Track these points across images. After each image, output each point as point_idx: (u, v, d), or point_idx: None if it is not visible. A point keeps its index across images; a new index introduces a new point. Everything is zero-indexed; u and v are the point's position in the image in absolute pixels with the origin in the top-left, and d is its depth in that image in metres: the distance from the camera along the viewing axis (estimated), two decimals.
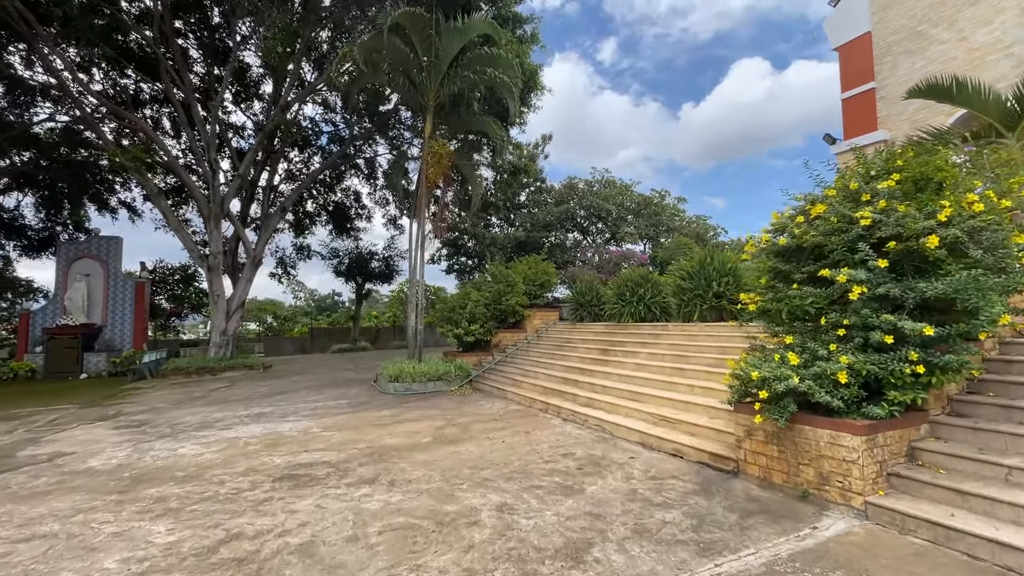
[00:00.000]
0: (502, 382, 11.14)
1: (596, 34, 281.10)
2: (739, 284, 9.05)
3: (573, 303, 12.97)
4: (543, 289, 14.65)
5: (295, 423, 8.45)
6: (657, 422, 6.60)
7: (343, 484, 5.22)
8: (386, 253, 27.76)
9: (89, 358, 16.91)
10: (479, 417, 8.53)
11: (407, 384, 11.33)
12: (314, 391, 12.12)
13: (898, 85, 14.28)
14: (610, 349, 10.06)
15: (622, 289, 11.16)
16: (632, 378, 8.27)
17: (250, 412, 9.62)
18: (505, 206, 25.97)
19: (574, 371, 9.81)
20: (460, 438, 7.08)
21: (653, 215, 28.09)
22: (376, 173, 26.67)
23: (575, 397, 8.50)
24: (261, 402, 10.75)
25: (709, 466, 5.37)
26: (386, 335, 29.58)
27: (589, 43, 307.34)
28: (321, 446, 6.85)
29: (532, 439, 6.91)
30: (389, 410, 9.38)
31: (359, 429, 7.83)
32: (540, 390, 9.57)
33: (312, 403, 10.42)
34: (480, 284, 14.42)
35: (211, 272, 16.35)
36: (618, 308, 11.13)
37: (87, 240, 18.47)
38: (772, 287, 5.40)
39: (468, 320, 13.29)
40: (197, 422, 8.78)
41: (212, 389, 12.94)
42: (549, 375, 10.11)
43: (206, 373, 15.60)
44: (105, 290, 18.04)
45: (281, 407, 10.09)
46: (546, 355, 11.72)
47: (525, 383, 10.26)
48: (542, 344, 12.76)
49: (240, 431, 7.95)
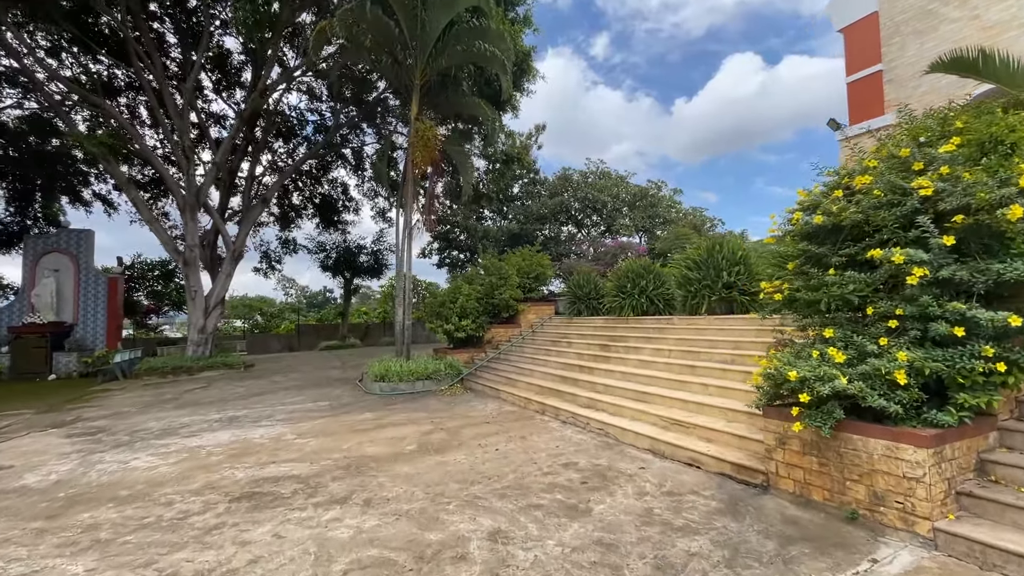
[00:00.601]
0: (495, 381, 10.43)
1: (588, 29, 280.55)
2: (751, 274, 8.39)
3: (570, 296, 12.28)
4: (538, 282, 13.94)
5: (268, 429, 7.69)
6: (668, 426, 5.92)
7: (310, 504, 4.49)
8: (375, 247, 26.92)
9: (59, 358, 15.98)
10: (470, 420, 7.81)
11: (393, 384, 10.59)
12: (294, 392, 11.34)
13: (907, 67, 13.67)
14: (611, 345, 9.38)
15: (622, 281, 10.48)
16: (637, 376, 7.59)
17: (221, 416, 8.84)
18: (498, 198, 25.15)
19: (573, 369, 9.12)
20: (448, 445, 6.37)
21: (649, 207, 27.41)
22: (364, 164, 25.80)
23: (575, 398, 7.81)
24: (235, 405, 9.96)
25: (732, 479, 4.70)
26: (376, 331, 28.76)
27: (582, 38, 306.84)
28: (292, 456, 6.11)
29: (529, 446, 6.21)
30: (372, 413, 8.64)
31: (337, 435, 7.09)
32: (537, 390, 8.87)
33: (290, 406, 9.66)
34: (472, 277, 13.68)
35: (187, 266, 15.45)
36: (618, 301, 10.45)
37: (56, 234, 17.47)
38: (803, 273, 4.71)
39: (459, 315, 12.55)
40: (160, 428, 7.99)
41: (186, 391, 12.12)
42: (546, 373, 9.42)
43: (182, 373, 14.75)
44: (76, 286, 17.09)
45: (256, 410, 9.32)
46: (542, 351, 11.03)
47: (520, 382, 9.56)
48: (538, 340, 12.06)
49: (205, 439, 7.17)
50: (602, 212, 27.97)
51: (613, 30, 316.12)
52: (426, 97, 12.38)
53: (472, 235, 25.24)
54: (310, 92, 23.25)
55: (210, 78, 21.36)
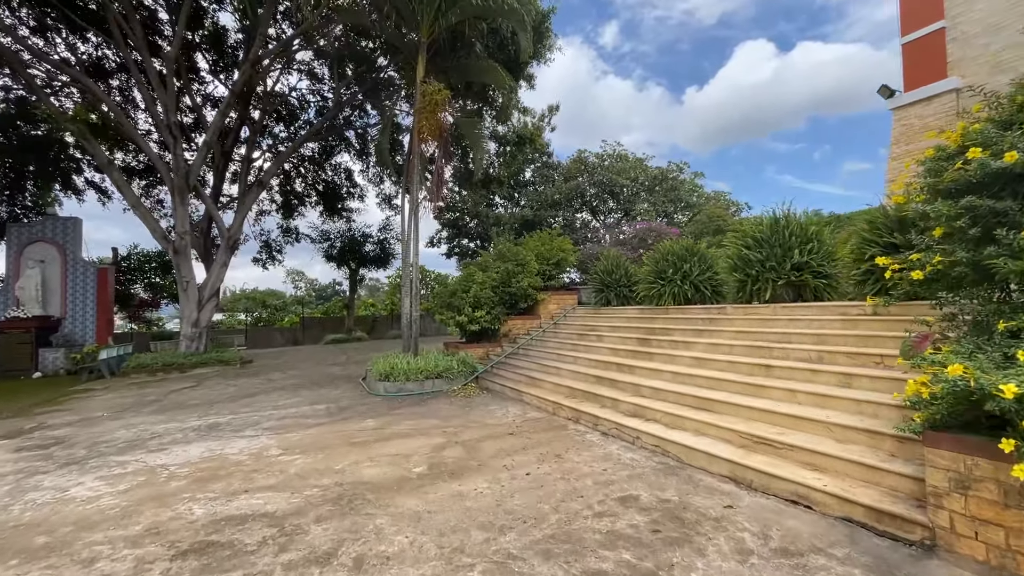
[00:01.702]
0: (516, 380, 9.14)
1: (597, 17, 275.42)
2: (826, 253, 6.97)
3: (596, 284, 10.91)
4: (558, 269, 12.57)
5: (250, 441, 6.46)
6: (751, 445, 4.58)
7: (279, 567, 3.22)
8: (381, 236, 25.65)
9: (45, 355, 14.97)
10: (490, 430, 6.53)
11: (400, 384, 9.34)
12: (290, 392, 10.14)
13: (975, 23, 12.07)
14: (651, 339, 8.02)
15: (661, 265, 9.08)
16: (693, 378, 6.23)
17: (201, 423, 7.64)
18: (509, 182, 23.77)
19: (609, 368, 7.78)
20: (466, 467, 5.08)
21: (670, 190, 25.82)
22: (368, 148, 24.50)
23: (615, 403, 6.48)
24: (221, 408, 8.77)
25: (870, 530, 3.35)
26: (383, 324, 27.61)
27: (591, 27, 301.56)
28: (271, 481, 4.87)
29: (568, 469, 4.90)
30: (375, 419, 7.39)
31: (331, 450, 5.85)
32: (566, 392, 7.55)
33: (282, 410, 8.44)
34: (486, 264, 12.35)
35: (178, 255, 14.28)
36: (656, 288, 9.07)
37: (41, 222, 16.37)
38: (964, 236, 3.33)
39: (472, 306, 11.25)
40: (127, 440, 6.81)
41: (172, 391, 10.98)
42: (576, 372, 8.09)
43: (173, 370, 13.65)
44: (63, 278, 16.03)
45: (243, 415, 8.12)
46: (568, 346, 9.70)
47: (546, 382, 8.25)
48: (560, 333, 10.73)
49: (173, 455, 5.96)
50: (619, 197, 26.44)
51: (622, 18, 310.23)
52: (433, 62, 11.00)
53: (483, 222, 23.89)
54: (311, 73, 21.99)
55: (207, 59, 20.15)
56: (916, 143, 13.16)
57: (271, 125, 22.94)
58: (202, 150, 14.29)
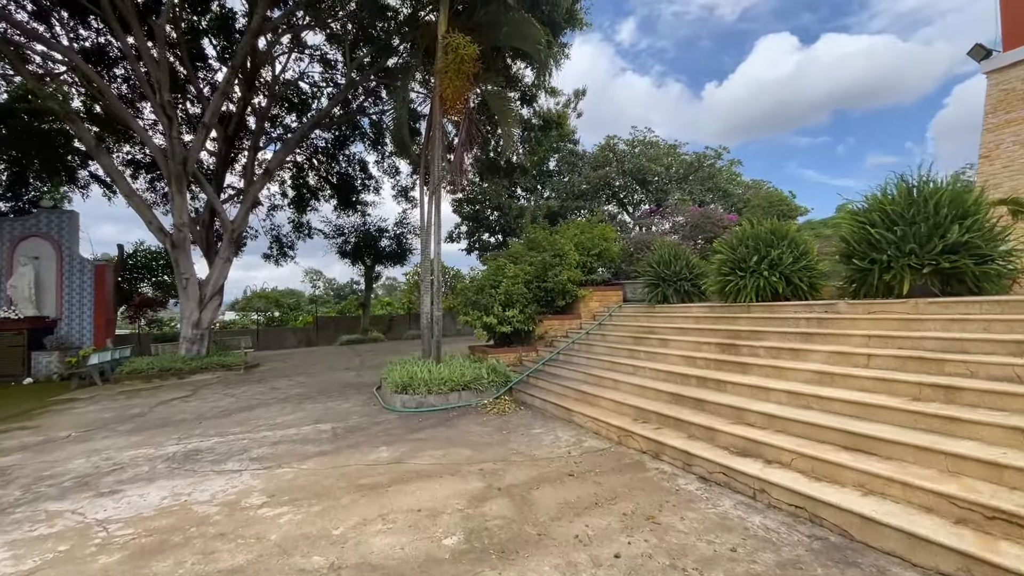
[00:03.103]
0: (561, 394, 7.52)
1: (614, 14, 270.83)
2: (987, 232, 5.19)
3: (651, 277, 9.20)
4: (600, 261, 10.89)
5: (230, 480, 4.97)
6: (982, 521, 2.87)
7: None
8: (398, 230, 24.22)
9: (39, 358, 13.87)
10: (541, 468, 4.92)
11: (420, 397, 7.80)
12: (293, 406, 8.69)
13: None
14: (738, 345, 6.32)
15: (740, 253, 7.35)
16: (822, 401, 4.53)
17: (179, 449, 6.20)
18: (533, 171, 22.10)
19: (687, 382, 6.09)
20: (520, 537, 3.48)
21: (706, 178, 23.85)
22: (383, 138, 23.17)
23: (711, 434, 4.81)
24: (209, 427, 7.34)
25: None
26: (400, 324, 26.24)
27: (608, 24, 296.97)
28: (238, 560, 3.33)
29: (674, 546, 3.26)
30: (389, 448, 5.84)
31: (330, 500, 4.31)
32: (633, 413, 5.90)
33: (280, 430, 6.97)
34: (517, 255, 10.74)
35: (176, 249, 12.98)
36: (732, 281, 7.34)
37: (35, 216, 15.28)
38: None
39: (502, 304, 9.67)
40: (80, 475, 5.38)
41: (162, 401, 9.64)
42: (641, 387, 6.42)
43: (170, 376, 12.36)
44: (59, 276, 14.92)
45: (232, 437, 6.67)
46: (623, 352, 8.03)
47: (602, 399, 6.60)
48: (609, 335, 9.06)
49: (125, 502, 4.49)
50: (650, 186, 24.58)
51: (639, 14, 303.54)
52: (457, 18, 9.41)
53: (505, 214, 22.28)
54: (323, 60, 20.68)
55: (214, 47, 18.96)
56: (1020, 110, 11.20)
57: (282, 116, 21.77)
58: (200, 133, 12.95)
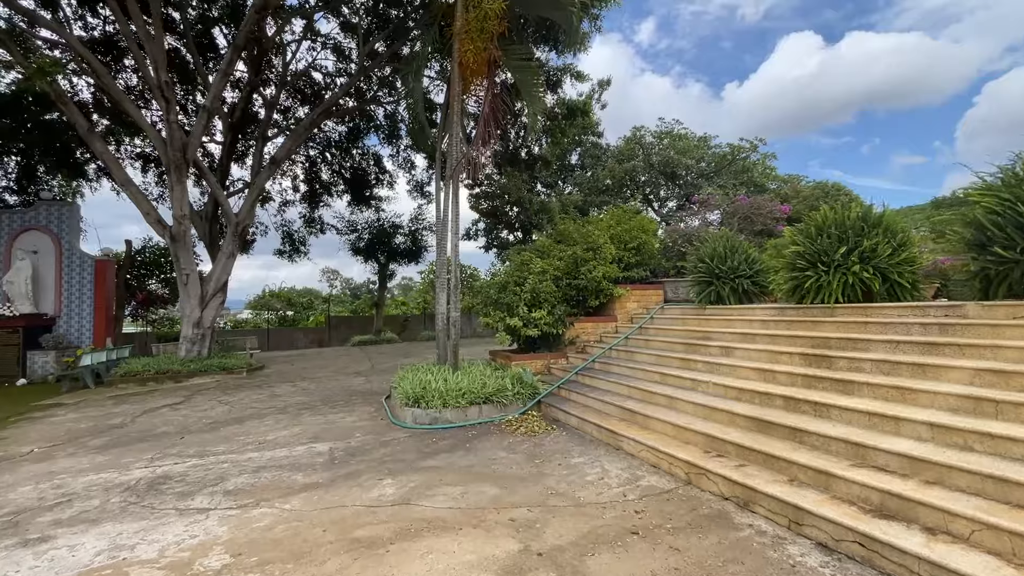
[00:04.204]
0: (602, 412, 6.31)
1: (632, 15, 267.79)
2: None
3: (703, 274, 7.91)
4: (638, 256, 9.62)
5: (191, 526, 3.88)
6: None
7: None
8: (413, 227, 23.22)
9: (35, 358, 13.11)
10: (594, 522, 3.71)
11: (434, 412, 6.66)
12: (290, 417, 7.63)
13: None
14: (831, 356, 5.03)
15: (819, 244, 6.05)
16: (999, 442, 3.24)
17: (144, 475, 5.16)
18: (555, 164, 20.89)
19: (770, 403, 4.83)
20: None
21: (741, 171, 22.36)
22: (398, 131, 22.25)
23: (826, 480, 3.56)
24: (189, 444, 6.31)
25: None
26: (415, 325, 25.25)
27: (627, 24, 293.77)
28: None
29: None
30: (395, 481, 4.69)
31: (311, 565, 3.17)
32: (703, 443, 4.66)
33: (269, 450, 5.89)
34: (546, 248, 9.55)
35: (175, 243, 12.08)
36: (812, 278, 6.04)
37: (34, 208, 14.57)
38: None
39: (528, 303, 8.49)
40: (15, 508, 4.37)
41: (148, 409, 8.68)
42: (707, 407, 5.17)
43: (167, 379, 11.46)
44: (58, 271, 14.18)
45: (210, 459, 5.61)
46: (673, 362, 6.78)
47: (655, 421, 5.37)
48: (653, 341, 7.80)
49: (50, 556, 3.44)
50: (679, 181, 23.16)
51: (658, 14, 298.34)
52: None
53: (526, 209, 21.09)
54: (337, 49, 19.80)
55: (225, 35, 18.18)
56: None
57: (295, 107, 20.99)
58: (202, 116, 12.02)
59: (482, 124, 7.92)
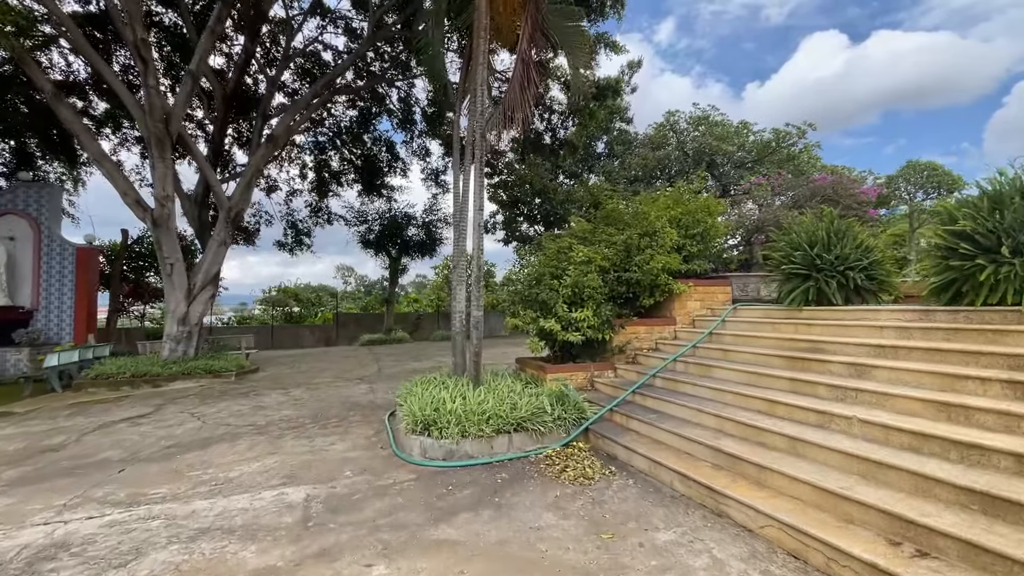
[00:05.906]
0: (682, 450, 4.59)
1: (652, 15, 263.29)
2: None
3: (797, 265, 6.11)
4: (702, 245, 7.83)
5: None
6: None
7: None
8: (426, 218, 21.64)
9: (7, 356, 11.82)
10: None
11: (450, 444, 5.00)
12: (267, 442, 6.03)
13: None
14: None
15: (980, 224, 4.26)
16: None
17: (35, 539, 3.60)
18: (582, 151, 19.13)
19: (985, 462, 3.04)
20: None
21: (786, 160, 20.36)
22: (412, 115, 20.75)
23: None
24: (126, 481, 4.74)
25: None
26: (428, 323, 23.70)
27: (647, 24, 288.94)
28: None
29: None
30: (390, 568, 3.02)
31: None
32: (886, 526, 2.91)
33: (224, 499, 4.28)
34: (588, 233, 7.82)
35: (158, 228, 10.62)
36: (988, 269, 4.24)
37: (11, 190, 13.26)
38: None
39: (568, 301, 6.78)
40: None
41: (104, 424, 7.17)
42: (862, 459, 3.40)
43: (143, 384, 10.00)
44: (36, 259, 12.86)
45: (140, 511, 4.03)
46: (776, 382, 4.99)
47: (774, 474, 3.62)
48: (732, 352, 6.02)
49: None
50: (717, 170, 21.22)
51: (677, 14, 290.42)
52: None
53: (550, 199, 19.35)
54: (348, 30, 18.32)
55: (233, 19, 16.78)
56: None
57: (302, 89, 19.56)
58: (186, 82, 10.51)
59: (521, 64, 6.20)
